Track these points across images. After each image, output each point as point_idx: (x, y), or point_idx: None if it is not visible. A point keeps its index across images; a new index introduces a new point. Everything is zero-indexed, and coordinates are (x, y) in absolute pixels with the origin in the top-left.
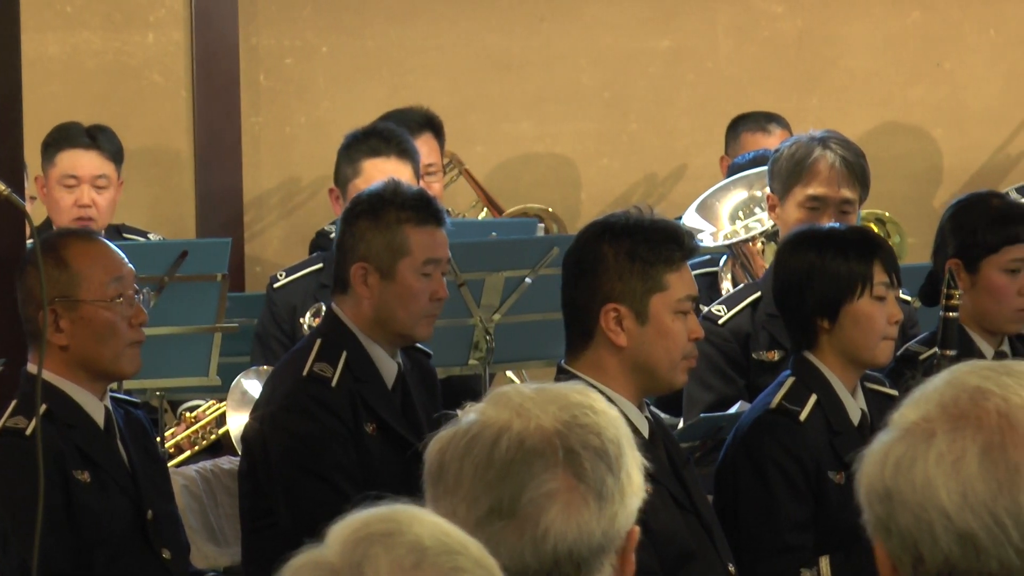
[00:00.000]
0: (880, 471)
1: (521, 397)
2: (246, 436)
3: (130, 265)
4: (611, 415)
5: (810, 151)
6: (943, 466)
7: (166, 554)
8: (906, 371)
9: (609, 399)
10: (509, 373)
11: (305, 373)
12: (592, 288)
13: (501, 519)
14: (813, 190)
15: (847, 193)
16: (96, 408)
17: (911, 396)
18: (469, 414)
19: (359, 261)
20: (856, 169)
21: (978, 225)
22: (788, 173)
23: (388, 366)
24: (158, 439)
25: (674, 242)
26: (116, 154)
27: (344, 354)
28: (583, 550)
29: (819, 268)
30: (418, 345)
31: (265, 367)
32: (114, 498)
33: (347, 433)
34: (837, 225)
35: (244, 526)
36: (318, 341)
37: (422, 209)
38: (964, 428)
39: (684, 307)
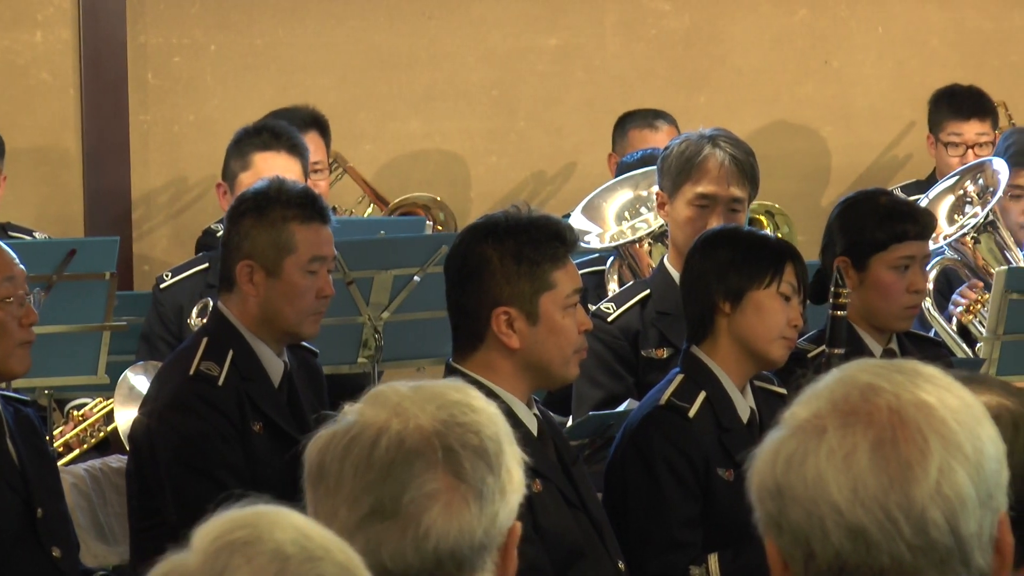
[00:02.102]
0: (771, 468)
1: (399, 396)
2: (133, 436)
3: (21, 266)
4: (490, 412)
5: (700, 149)
6: (834, 461)
7: (56, 552)
8: (796, 369)
9: (498, 397)
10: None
11: (192, 372)
12: (480, 292)
13: (383, 520)
14: (703, 188)
15: (736, 191)
16: None
17: (802, 394)
18: (347, 414)
19: (245, 259)
20: (745, 167)
21: (866, 223)
22: (677, 171)
23: (274, 365)
24: (47, 438)
25: (557, 239)
26: None
27: (231, 353)
28: (464, 549)
29: (733, 257)
30: (304, 344)
31: (153, 362)
32: (3, 496)
33: (234, 432)
34: (756, 230)
35: (132, 525)
36: (204, 340)
37: (307, 207)
38: (855, 424)
39: (572, 302)
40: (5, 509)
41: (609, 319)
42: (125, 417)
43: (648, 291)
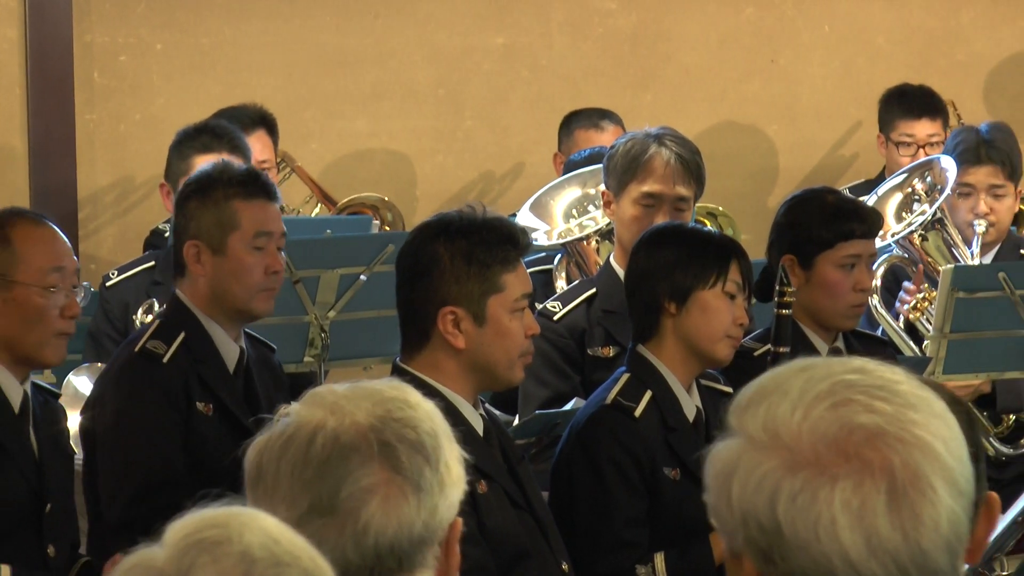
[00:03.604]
0: (767, 501)
1: (335, 396)
2: (83, 424)
3: (75, 258)
4: (426, 408)
5: (645, 148)
6: (848, 514)
7: (51, 550)
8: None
9: (444, 397)
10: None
11: (137, 349)
12: (428, 291)
13: (321, 516)
14: (648, 187)
15: (682, 190)
16: (15, 390)
17: (753, 398)
18: (285, 416)
19: (191, 240)
20: (691, 166)
21: (813, 221)
22: (623, 170)
23: (229, 348)
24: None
25: (509, 242)
26: None
27: (182, 335)
28: (404, 543)
29: (678, 256)
30: (263, 340)
31: (99, 364)
32: (15, 483)
33: (172, 411)
34: (701, 227)
35: (90, 516)
36: (157, 322)
37: (250, 184)
38: (864, 472)
39: (520, 306)
40: (14, 497)
41: (555, 318)
42: (71, 421)
43: (594, 290)
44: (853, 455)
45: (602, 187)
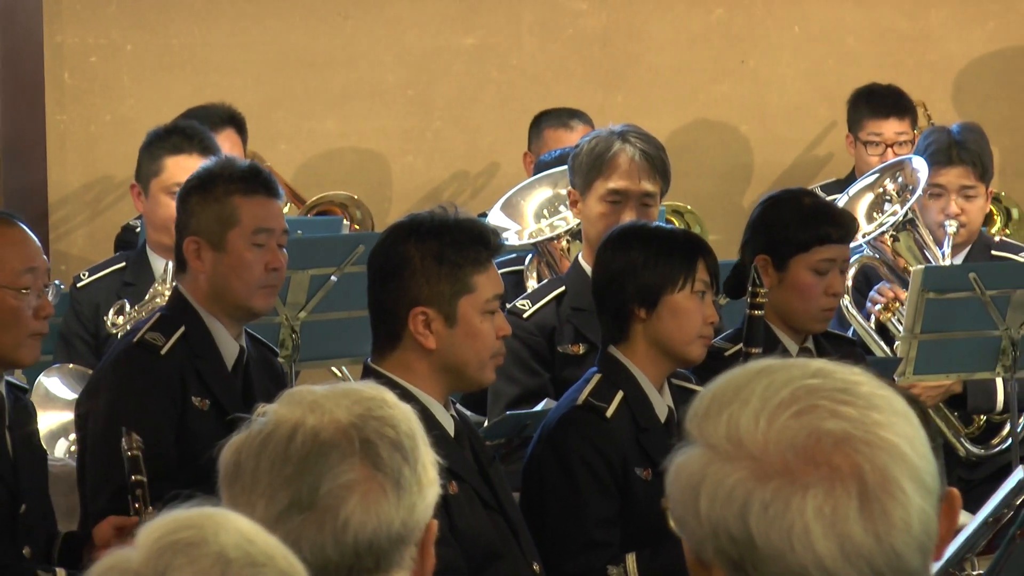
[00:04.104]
0: (738, 515)
1: (313, 395)
2: (78, 415)
3: (45, 258)
4: (404, 409)
5: (610, 145)
6: (822, 521)
7: (27, 551)
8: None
9: (415, 398)
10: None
11: (135, 340)
12: (399, 291)
13: (300, 513)
14: (614, 184)
15: (648, 186)
16: None
17: (712, 405)
18: (262, 415)
19: (191, 236)
20: (656, 162)
21: (789, 222)
22: (588, 167)
23: (229, 346)
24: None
25: (480, 243)
26: None
27: (182, 329)
28: (383, 541)
29: (644, 258)
30: (266, 342)
31: (71, 365)
32: None
33: (167, 400)
34: (665, 225)
35: (83, 510)
36: (158, 315)
37: (251, 180)
38: (835, 479)
39: (492, 307)
40: None
41: (525, 315)
42: (42, 422)
43: (563, 287)
44: (822, 462)
45: (570, 186)
